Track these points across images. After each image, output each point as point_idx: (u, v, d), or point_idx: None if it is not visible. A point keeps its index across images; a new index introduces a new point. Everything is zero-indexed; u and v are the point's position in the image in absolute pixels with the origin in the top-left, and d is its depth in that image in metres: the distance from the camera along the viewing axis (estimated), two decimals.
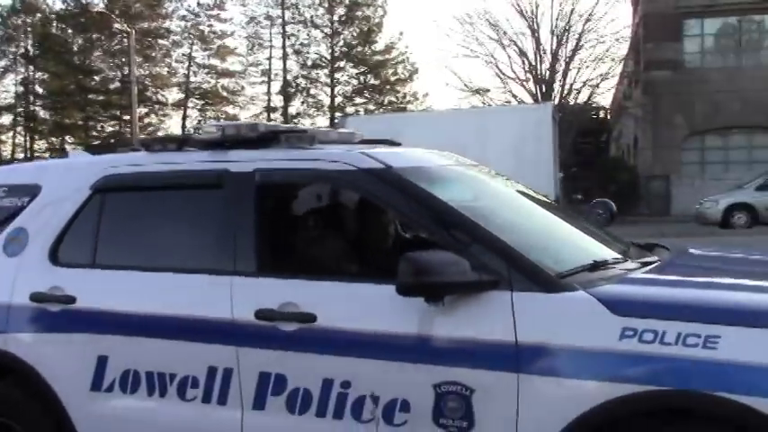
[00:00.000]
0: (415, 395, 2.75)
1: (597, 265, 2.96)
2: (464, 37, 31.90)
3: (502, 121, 20.33)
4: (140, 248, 3.51)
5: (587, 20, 30.90)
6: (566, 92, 31.36)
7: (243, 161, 3.33)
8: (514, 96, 32.25)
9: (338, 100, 40.77)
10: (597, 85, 32.66)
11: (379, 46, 39.85)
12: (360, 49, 39.35)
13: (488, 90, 32.68)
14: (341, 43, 39.74)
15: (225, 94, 43.51)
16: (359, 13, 39.47)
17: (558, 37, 31.13)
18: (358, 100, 41.03)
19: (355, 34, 39.76)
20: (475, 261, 2.72)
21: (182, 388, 3.15)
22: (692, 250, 3.77)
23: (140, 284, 3.33)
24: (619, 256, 3.22)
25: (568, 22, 31.01)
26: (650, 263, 3.20)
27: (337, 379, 2.88)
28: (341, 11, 39.53)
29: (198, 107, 44.63)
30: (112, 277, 3.41)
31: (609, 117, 39.82)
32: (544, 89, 31.35)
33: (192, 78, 43.54)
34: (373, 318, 2.86)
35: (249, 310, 3.01)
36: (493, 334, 2.66)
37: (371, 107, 39.84)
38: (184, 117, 43.74)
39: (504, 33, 31.52)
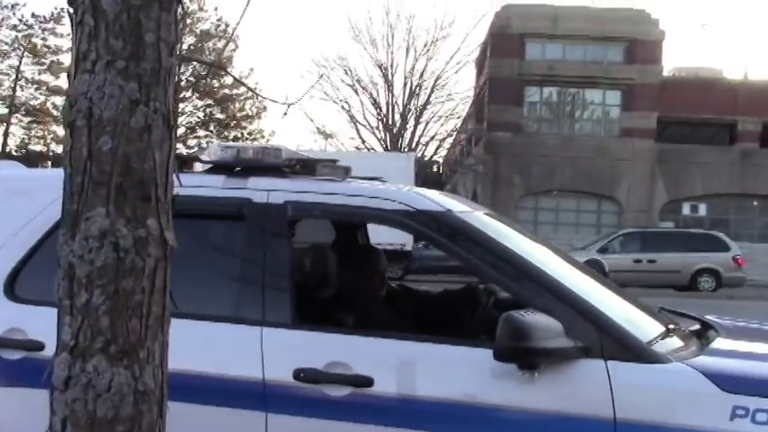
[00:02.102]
0: None
1: (668, 333, 2.80)
2: (318, 79, 31.85)
3: (370, 165, 20.35)
4: None
5: (438, 77, 32.06)
6: (414, 144, 32.17)
7: (269, 190, 2.88)
8: (364, 143, 32.70)
9: (181, 131, 39.38)
10: (443, 140, 33.87)
11: (228, 80, 39.04)
12: (208, 81, 38.33)
13: (331, 135, 32.88)
14: (188, 73, 38.52)
15: (56, 113, 40.61)
16: (209, 45, 38.55)
17: (410, 90, 32.01)
18: (201, 132, 39.85)
19: (206, 66, 38.81)
20: (565, 325, 2.48)
21: None
22: (718, 320, 3.60)
23: None
24: (670, 323, 3.05)
25: (421, 77, 32.02)
26: (705, 331, 3.08)
27: None
28: (191, 39, 38.44)
29: (23, 124, 41.35)
30: None
31: (441, 171, 41.33)
32: (394, 139, 32.00)
33: (19, 93, 40.36)
34: (444, 384, 2.54)
35: (286, 370, 2.59)
36: (587, 408, 2.44)
37: (215, 141, 38.79)
38: (6, 133, 40.31)
39: (359, 81, 31.99)
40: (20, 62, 39.64)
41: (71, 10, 1.44)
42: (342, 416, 2.55)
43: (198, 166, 3.26)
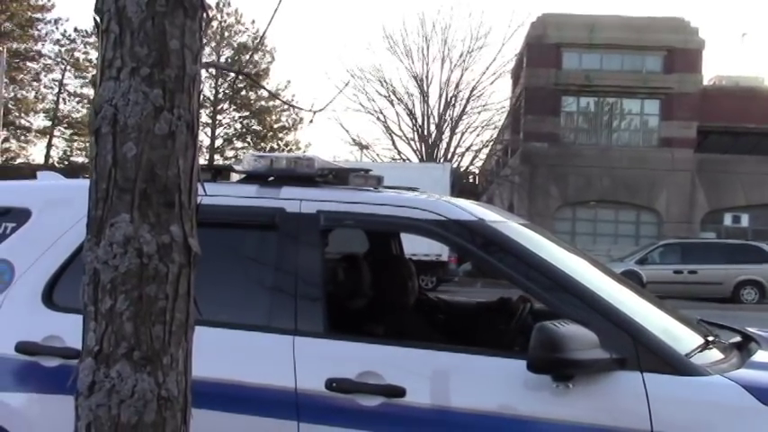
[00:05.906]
0: None
1: (708, 346, 2.73)
2: (354, 91, 31.91)
3: (405, 176, 20.35)
4: None
5: (474, 88, 31.93)
6: (450, 155, 32.05)
7: (301, 200, 2.90)
8: (400, 154, 32.68)
9: (218, 142, 39.89)
10: (479, 151, 33.68)
11: (264, 92, 39.48)
12: (245, 93, 38.74)
13: (367, 146, 32.85)
14: (225, 85, 39.02)
15: None
16: (247, 57, 39.04)
17: (445, 101, 31.92)
18: (238, 144, 40.38)
19: (242, 78, 39.19)
20: (600, 336, 2.44)
21: None
22: (760, 332, 3.51)
23: None
24: (709, 335, 2.98)
25: (456, 87, 31.92)
26: (746, 344, 2.99)
27: None
28: (228, 53, 38.96)
29: (65, 137, 42.26)
30: None
31: (478, 182, 41.09)
32: (429, 150, 31.93)
33: (62, 106, 41.26)
34: (476, 395, 2.52)
35: (318, 379, 2.60)
36: (623, 421, 2.39)
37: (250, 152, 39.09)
38: (49, 146, 41.22)
39: (394, 92, 31.98)
40: (62, 76, 40.58)
41: (98, 18, 1.45)
42: (374, 426, 2.55)
43: (236, 177, 3.30)
